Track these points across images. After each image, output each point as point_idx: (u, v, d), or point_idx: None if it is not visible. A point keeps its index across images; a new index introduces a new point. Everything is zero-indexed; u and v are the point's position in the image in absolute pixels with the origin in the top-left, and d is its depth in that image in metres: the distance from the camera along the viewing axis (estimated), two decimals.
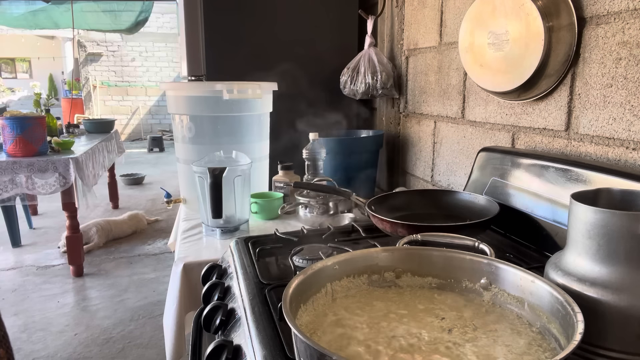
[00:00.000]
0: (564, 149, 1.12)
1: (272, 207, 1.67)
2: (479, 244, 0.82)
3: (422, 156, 1.80)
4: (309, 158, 1.70)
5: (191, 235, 1.55)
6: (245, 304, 0.86)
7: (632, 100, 0.95)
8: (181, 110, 1.77)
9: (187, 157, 1.76)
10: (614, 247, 0.60)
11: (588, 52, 1.03)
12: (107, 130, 4.77)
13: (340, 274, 0.74)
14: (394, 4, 1.90)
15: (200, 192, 1.49)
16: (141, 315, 3.06)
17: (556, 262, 0.69)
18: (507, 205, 1.14)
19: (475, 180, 1.31)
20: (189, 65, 2.08)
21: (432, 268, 0.76)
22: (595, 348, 0.61)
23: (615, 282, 0.60)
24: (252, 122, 1.77)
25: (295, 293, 0.63)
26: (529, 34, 1.11)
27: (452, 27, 1.54)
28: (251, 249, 1.12)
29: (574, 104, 1.09)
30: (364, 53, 1.91)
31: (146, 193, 6.24)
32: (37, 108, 4.30)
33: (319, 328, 0.64)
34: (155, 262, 3.92)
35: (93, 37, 10.92)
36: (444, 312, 0.68)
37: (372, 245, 1.11)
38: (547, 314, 0.62)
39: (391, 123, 2.01)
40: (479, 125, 1.44)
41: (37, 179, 3.55)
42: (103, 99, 11.38)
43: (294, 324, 0.53)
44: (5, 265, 3.88)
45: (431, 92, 1.70)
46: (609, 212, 0.61)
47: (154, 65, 11.52)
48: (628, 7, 0.94)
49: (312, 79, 2.09)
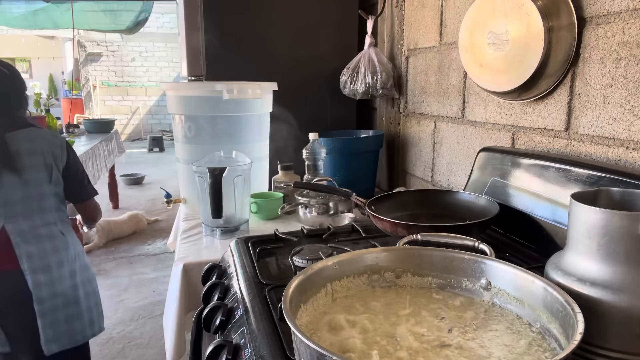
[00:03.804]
0: (564, 149, 1.12)
1: (272, 207, 1.67)
2: (479, 244, 0.82)
3: (422, 156, 1.80)
4: (309, 158, 1.70)
5: (191, 235, 1.55)
6: (245, 304, 0.86)
7: (632, 100, 0.95)
8: (181, 110, 1.77)
9: (187, 157, 1.76)
10: (614, 247, 0.60)
11: (588, 52, 1.03)
12: (107, 130, 4.78)
13: (340, 274, 0.74)
14: (394, 4, 1.90)
15: (200, 192, 1.49)
16: (141, 315, 3.06)
17: (556, 262, 0.69)
18: (507, 205, 1.14)
19: (475, 180, 1.31)
20: (189, 65, 2.08)
21: (432, 268, 0.76)
22: (595, 348, 0.61)
23: (615, 282, 0.60)
24: (252, 122, 1.77)
25: (295, 293, 0.63)
26: (529, 34, 1.11)
27: (452, 27, 1.54)
28: (251, 249, 1.12)
29: (574, 104, 1.09)
30: (364, 53, 1.91)
31: (146, 193, 6.24)
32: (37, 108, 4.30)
33: (319, 328, 0.64)
34: (155, 262, 3.92)
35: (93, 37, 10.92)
36: (444, 312, 0.68)
37: (372, 245, 1.11)
38: (547, 314, 0.62)
39: (391, 123, 2.01)
40: (479, 125, 1.44)
41: None
42: (103, 99, 11.38)
43: (294, 324, 0.53)
44: None
45: (431, 92, 1.70)
46: (609, 212, 0.61)
47: (154, 65, 11.51)
48: (628, 7, 0.94)
49: (312, 79, 2.09)
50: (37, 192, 1.60)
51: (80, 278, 1.70)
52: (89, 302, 1.72)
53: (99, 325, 1.79)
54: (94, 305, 1.75)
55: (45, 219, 1.62)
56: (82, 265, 1.73)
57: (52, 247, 1.62)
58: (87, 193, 1.78)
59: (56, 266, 1.62)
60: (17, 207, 1.57)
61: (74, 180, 1.72)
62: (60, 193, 1.68)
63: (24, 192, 1.57)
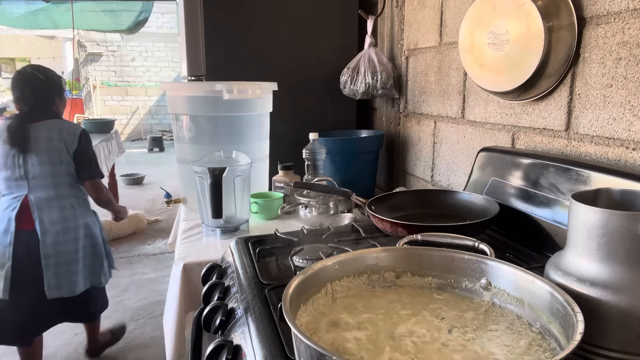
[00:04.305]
0: (564, 149, 1.12)
1: (272, 207, 1.67)
2: (479, 244, 0.82)
3: (422, 156, 1.80)
4: (309, 158, 1.70)
5: (191, 235, 1.55)
6: (245, 304, 0.86)
7: (632, 100, 0.95)
8: (181, 110, 1.77)
9: (187, 157, 1.76)
10: (614, 247, 0.60)
11: (588, 52, 1.03)
12: (107, 130, 4.77)
13: (340, 274, 0.74)
14: (394, 4, 1.90)
15: (200, 192, 1.49)
16: (141, 315, 3.07)
17: (556, 262, 0.69)
18: (507, 205, 1.14)
19: (475, 180, 1.31)
20: (189, 65, 2.08)
21: (432, 268, 0.76)
22: (595, 348, 0.61)
23: (615, 282, 0.60)
24: (252, 122, 1.77)
25: (295, 293, 0.63)
26: (529, 34, 1.11)
27: (452, 27, 1.54)
28: (251, 249, 1.12)
29: (574, 104, 1.09)
30: (364, 53, 1.91)
31: (146, 193, 6.24)
32: None
33: (319, 328, 0.64)
34: (155, 262, 3.92)
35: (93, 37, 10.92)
36: (444, 312, 0.68)
37: (372, 245, 1.11)
38: (547, 314, 0.62)
39: (391, 123, 2.01)
40: (479, 125, 1.44)
41: None
42: (103, 99, 11.38)
43: (294, 324, 0.53)
44: None
45: (431, 92, 1.70)
46: (609, 212, 0.61)
47: (154, 65, 11.51)
48: (628, 7, 0.94)
49: (312, 79, 2.09)
50: (52, 170, 2.03)
51: (82, 244, 2.13)
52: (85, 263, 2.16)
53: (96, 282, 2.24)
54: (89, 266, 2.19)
55: (59, 192, 2.05)
56: (86, 234, 2.15)
57: (61, 216, 2.05)
58: (91, 174, 2.17)
59: (62, 232, 2.06)
60: (37, 181, 2.02)
61: (82, 163, 2.12)
62: (72, 172, 2.10)
63: (42, 169, 2.02)
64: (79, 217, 2.11)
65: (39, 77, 2.11)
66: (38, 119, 2.06)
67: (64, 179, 2.07)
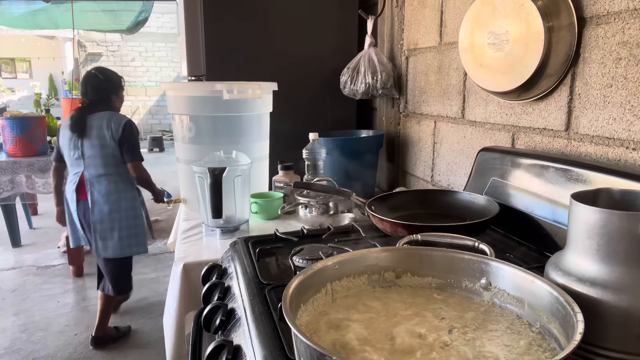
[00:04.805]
0: (564, 149, 1.12)
1: (272, 207, 1.67)
2: (479, 244, 0.82)
3: (422, 156, 1.80)
4: (309, 158, 1.70)
5: (191, 235, 1.55)
6: (245, 304, 0.86)
7: (632, 100, 0.95)
8: (181, 110, 1.77)
9: (187, 157, 1.76)
10: (614, 247, 0.60)
11: (588, 52, 1.03)
12: None
13: (340, 274, 0.74)
14: (394, 4, 1.90)
15: (200, 192, 1.49)
16: (141, 315, 3.06)
17: (556, 262, 0.69)
18: (507, 205, 1.14)
19: (475, 180, 1.31)
20: (189, 65, 2.08)
21: (432, 268, 0.76)
22: (595, 348, 0.61)
23: (615, 282, 0.60)
24: (252, 122, 1.77)
25: (295, 293, 0.63)
26: (529, 34, 1.11)
27: (452, 27, 1.54)
28: (251, 249, 1.12)
29: (574, 104, 1.09)
30: (364, 53, 1.91)
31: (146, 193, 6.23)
32: (37, 108, 4.30)
33: (319, 328, 0.64)
34: (155, 262, 3.92)
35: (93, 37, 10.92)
36: (444, 312, 0.68)
37: (372, 245, 1.11)
38: (547, 314, 0.62)
39: (391, 123, 2.01)
40: (479, 125, 1.44)
41: (37, 179, 3.56)
42: None
43: (294, 324, 0.53)
44: (6, 265, 3.88)
45: (431, 92, 1.70)
46: (609, 212, 0.61)
47: (154, 65, 11.52)
48: (628, 7, 0.94)
49: (312, 79, 2.09)
50: (101, 152, 2.46)
51: (118, 216, 2.54)
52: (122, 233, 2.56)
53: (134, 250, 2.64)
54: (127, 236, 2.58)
55: (105, 171, 2.48)
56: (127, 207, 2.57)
57: (106, 191, 2.49)
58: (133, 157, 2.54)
59: (104, 203, 2.50)
60: (90, 161, 2.47)
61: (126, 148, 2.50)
62: (117, 155, 2.49)
63: (93, 151, 2.46)
64: (122, 192, 2.54)
65: (99, 77, 2.57)
66: (94, 111, 2.50)
67: (110, 160, 2.48)
